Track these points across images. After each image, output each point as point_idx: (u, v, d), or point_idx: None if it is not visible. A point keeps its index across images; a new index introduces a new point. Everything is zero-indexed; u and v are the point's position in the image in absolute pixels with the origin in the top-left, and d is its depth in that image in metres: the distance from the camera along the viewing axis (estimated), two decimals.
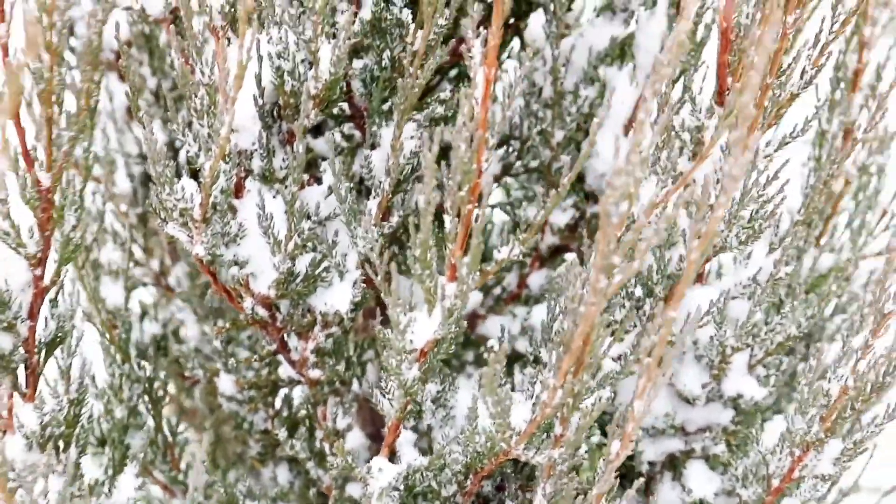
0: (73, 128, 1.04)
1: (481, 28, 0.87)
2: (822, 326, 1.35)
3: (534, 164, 1.31)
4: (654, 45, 1.27)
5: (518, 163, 1.31)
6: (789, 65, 1.04)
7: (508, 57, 1.37)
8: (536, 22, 1.36)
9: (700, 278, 1.16)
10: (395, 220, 1.10)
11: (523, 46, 1.31)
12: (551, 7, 1.23)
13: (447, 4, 1.00)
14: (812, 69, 1.06)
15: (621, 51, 1.30)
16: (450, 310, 0.93)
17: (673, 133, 1.09)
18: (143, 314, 1.51)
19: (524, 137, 1.29)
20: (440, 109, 1.10)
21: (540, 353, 1.06)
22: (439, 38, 1.02)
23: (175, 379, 1.55)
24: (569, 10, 1.27)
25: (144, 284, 1.53)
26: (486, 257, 1.39)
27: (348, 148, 1.19)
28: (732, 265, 1.15)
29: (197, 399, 1.53)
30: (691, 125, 1.09)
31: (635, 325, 1.12)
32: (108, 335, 1.33)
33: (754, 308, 1.09)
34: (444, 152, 1.35)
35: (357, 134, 1.19)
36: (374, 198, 1.08)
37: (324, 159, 1.21)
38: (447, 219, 0.91)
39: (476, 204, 0.92)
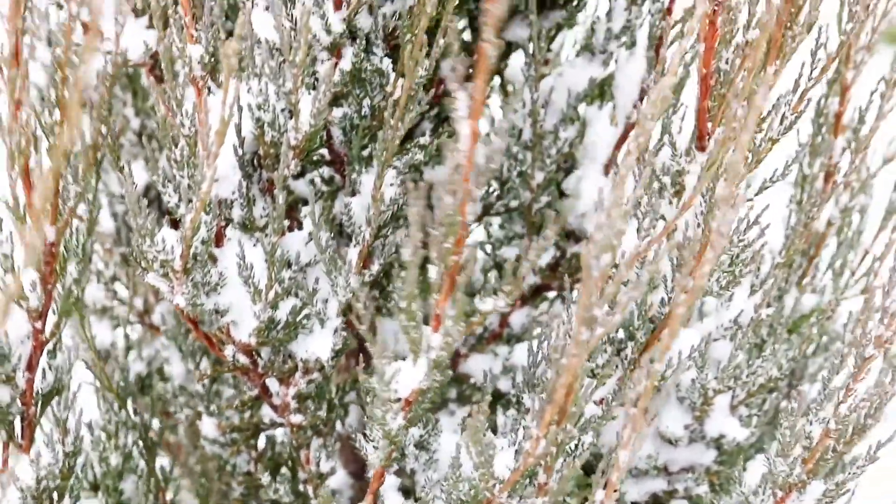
0: (79, 183, 1.04)
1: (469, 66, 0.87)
2: (804, 364, 1.36)
3: (514, 203, 1.32)
4: (633, 85, 1.28)
5: (498, 203, 1.32)
6: (769, 112, 1.05)
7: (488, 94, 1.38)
8: (517, 61, 1.37)
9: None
10: (375, 268, 1.10)
11: (503, 86, 1.32)
12: (530, 48, 1.24)
13: (427, 55, 1.00)
14: (792, 115, 1.07)
15: (601, 90, 1.31)
16: (435, 361, 0.93)
17: (653, 176, 1.10)
18: (128, 350, 1.50)
19: (504, 178, 1.30)
20: (420, 156, 1.11)
21: (522, 398, 1.06)
22: (419, 88, 1.02)
23: (160, 416, 1.54)
24: (548, 50, 1.28)
25: (130, 322, 1.53)
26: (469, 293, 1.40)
27: (328, 191, 1.19)
28: (714, 306, 1.15)
29: (181, 436, 1.52)
30: (672, 169, 1.10)
31: (617, 367, 1.12)
32: (98, 375, 1.33)
33: (735, 351, 1.09)
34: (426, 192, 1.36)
35: (337, 177, 1.19)
36: (355, 246, 1.08)
37: (305, 202, 1.21)
38: (432, 268, 0.91)
39: (461, 254, 0.92)
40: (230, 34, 1.07)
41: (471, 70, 1.31)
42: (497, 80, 1.36)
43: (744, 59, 1.03)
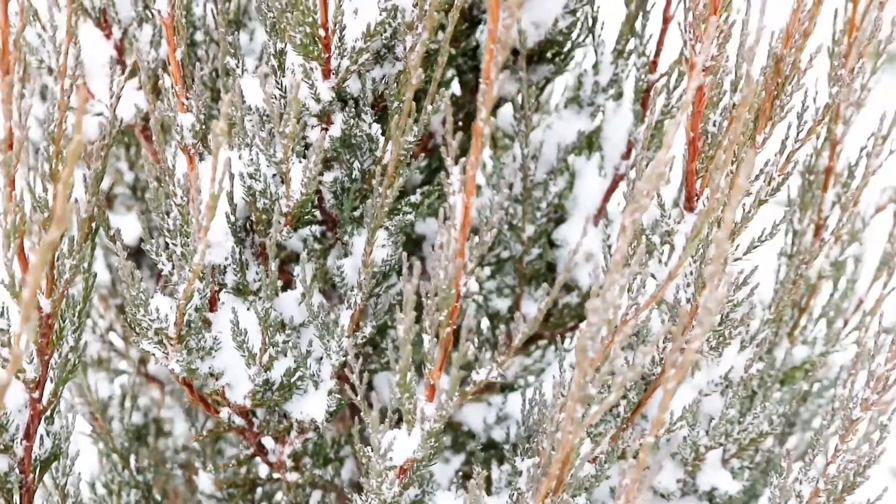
0: (75, 256, 1.04)
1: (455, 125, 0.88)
2: (796, 411, 1.37)
3: (505, 254, 1.33)
4: (620, 136, 1.29)
5: (489, 254, 1.32)
6: (757, 176, 1.06)
7: None
8: (506, 112, 1.38)
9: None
10: (368, 329, 1.11)
11: (492, 136, 1.33)
12: (519, 101, 1.25)
13: (416, 121, 1.01)
14: (779, 176, 1.08)
15: (589, 141, 1.32)
16: (429, 432, 0.94)
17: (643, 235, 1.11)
18: (123, 399, 1.50)
19: (498, 228, 1.30)
20: (411, 216, 1.12)
21: (515, 461, 1.07)
22: (408, 153, 1.03)
23: (157, 466, 1.54)
24: (536, 101, 1.29)
25: (126, 373, 1.53)
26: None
27: (321, 249, 1.20)
28: (704, 361, 1.16)
29: (180, 490, 1.53)
30: (661, 230, 1.11)
31: (610, 425, 1.13)
32: (99, 434, 1.34)
33: (727, 409, 1.10)
34: (417, 243, 1.37)
35: (329, 234, 1.20)
36: (347, 308, 1.09)
37: (298, 257, 1.22)
38: (426, 338, 0.92)
39: (454, 325, 0.93)
40: (219, 95, 1.08)
41: (461, 123, 1.33)
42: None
43: (731, 122, 1.04)
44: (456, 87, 1.33)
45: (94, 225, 1.06)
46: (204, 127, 1.05)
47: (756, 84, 1.03)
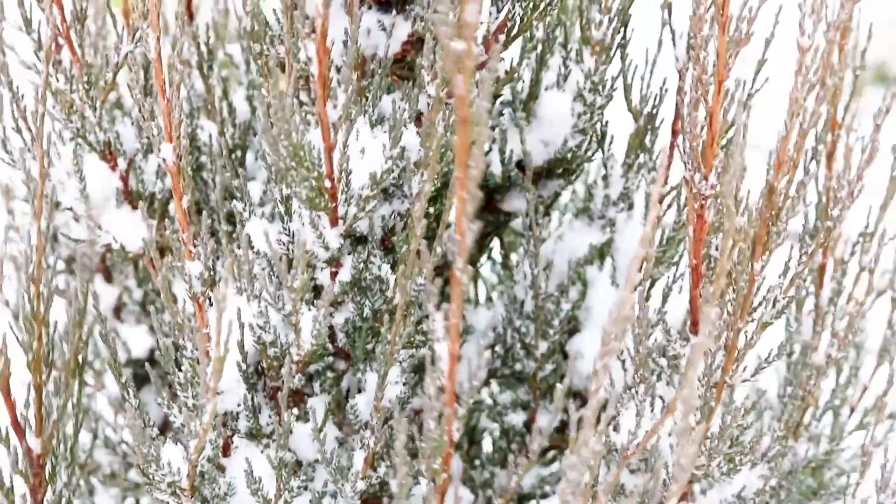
0: (62, 395, 1.04)
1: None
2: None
3: (518, 367, 1.32)
4: (632, 247, 1.28)
5: (503, 367, 1.31)
6: (759, 303, 1.05)
7: (489, 258, 1.38)
8: (516, 224, 1.37)
9: (685, 496, 1.16)
10: (382, 470, 1.09)
11: (505, 252, 1.32)
12: (527, 219, 1.24)
13: (423, 268, 1.00)
14: (784, 298, 1.07)
15: (601, 252, 1.31)
16: None
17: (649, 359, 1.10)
18: None
19: (508, 345, 1.29)
20: (424, 349, 1.11)
21: None
22: (418, 295, 1.02)
23: None
24: (546, 215, 1.28)
25: (138, 487, 1.53)
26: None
27: (334, 377, 1.19)
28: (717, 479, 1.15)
29: None
30: (668, 353, 1.10)
31: None
32: None
33: None
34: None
35: (342, 364, 1.19)
36: (361, 449, 1.08)
37: (311, 378, 1.21)
38: (423, 482, 0.91)
39: (448, 472, 0.92)
40: (229, 237, 1.07)
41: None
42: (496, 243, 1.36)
43: (731, 248, 1.03)
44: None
45: (80, 359, 1.06)
46: (212, 274, 1.04)
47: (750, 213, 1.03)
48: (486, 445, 1.43)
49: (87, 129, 1.19)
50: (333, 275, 1.06)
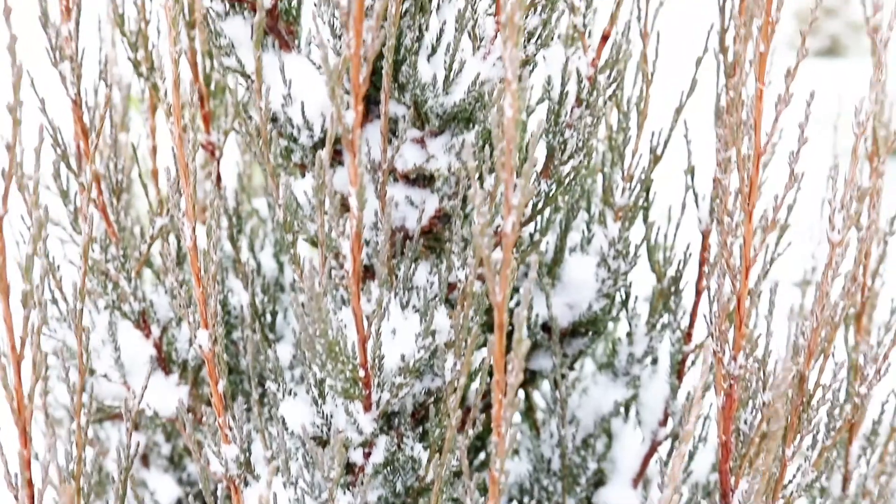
0: None
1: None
2: None
3: None
4: (657, 403, 1.29)
5: None
6: (789, 481, 1.06)
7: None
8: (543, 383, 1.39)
9: None
10: None
11: (530, 408, 1.33)
12: (553, 379, 1.26)
13: (460, 430, 1.02)
14: (813, 471, 1.08)
15: (626, 406, 1.33)
16: None
17: None
18: None
19: (538, 499, 1.31)
20: None
21: None
22: (451, 474, 1.04)
23: None
24: (571, 368, 1.30)
25: None
26: None
27: None
28: None
29: None
30: None
31: None
32: None
33: None
34: None
35: None
36: None
37: None
38: None
39: None
40: (261, 417, 1.09)
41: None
42: (523, 398, 1.38)
43: (760, 423, 1.05)
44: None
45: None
46: (247, 456, 1.06)
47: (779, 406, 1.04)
48: None
49: (122, 298, 1.21)
50: (367, 455, 1.07)
